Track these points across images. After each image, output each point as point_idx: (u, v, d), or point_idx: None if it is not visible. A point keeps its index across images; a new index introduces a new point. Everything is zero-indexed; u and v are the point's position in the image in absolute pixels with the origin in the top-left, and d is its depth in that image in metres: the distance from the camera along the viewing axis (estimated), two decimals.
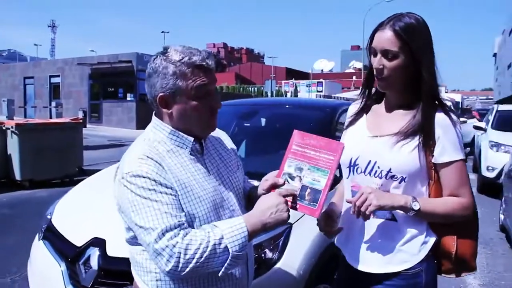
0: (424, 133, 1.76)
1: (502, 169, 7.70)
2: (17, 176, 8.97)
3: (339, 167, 1.78)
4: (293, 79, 63.34)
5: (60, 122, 10.19)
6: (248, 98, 36.03)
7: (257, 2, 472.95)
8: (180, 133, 1.63)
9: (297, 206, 1.65)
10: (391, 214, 1.80)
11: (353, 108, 2.07)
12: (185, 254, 1.41)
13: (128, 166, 1.52)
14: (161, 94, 1.58)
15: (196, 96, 1.58)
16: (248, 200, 1.83)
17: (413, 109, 1.81)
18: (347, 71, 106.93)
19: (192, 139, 1.64)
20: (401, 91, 1.84)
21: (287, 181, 1.69)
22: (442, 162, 1.76)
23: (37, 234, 3.20)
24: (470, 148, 15.09)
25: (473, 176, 10.26)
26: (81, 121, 10.67)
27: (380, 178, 1.79)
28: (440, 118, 1.76)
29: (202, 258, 1.42)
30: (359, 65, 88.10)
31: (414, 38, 1.73)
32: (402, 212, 1.75)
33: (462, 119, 16.59)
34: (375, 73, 1.82)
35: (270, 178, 1.74)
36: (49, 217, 3.19)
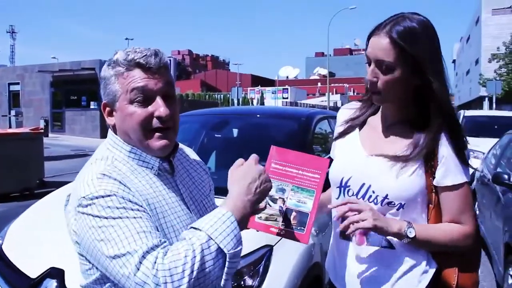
0: (428, 155, 1.57)
1: (472, 175, 7.73)
2: None
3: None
4: (259, 86, 63.63)
5: (17, 133, 9.68)
6: (214, 105, 35.89)
7: (221, 10, 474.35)
8: (143, 152, 1.37)
9: (283, 232, 1.46)
10: (387, 242, 1.61)
11: (343, 115, 1.83)
12: (172, 276, 1.09)
13: (85, 188, 1.23)
14: (104, 101, 1.38)
15: (133, 100, 1.30)
16: None
17: (415, 125, 1.61)
18: (312, 77, 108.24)
19: (155, 159, 1.38)
20: (400, 106, 1.63)
21: (268, 204, 1.48)
22: (445, 185, 1.57)
23: None
24: None
25: None
26: (41, 131, 10.17)
27: (376, 203, 1.60)
28: (444, 135, 1.58)
29: (194, 273, 1.10)
30: (324, 71, 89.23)
31: (416, 45, 1.49)
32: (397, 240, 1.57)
33: None
34: (368, 85, 1.59)
35: None
36: (1, 241, 2.88)
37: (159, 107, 1.31)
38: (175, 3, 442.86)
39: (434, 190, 1.59)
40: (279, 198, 1.47)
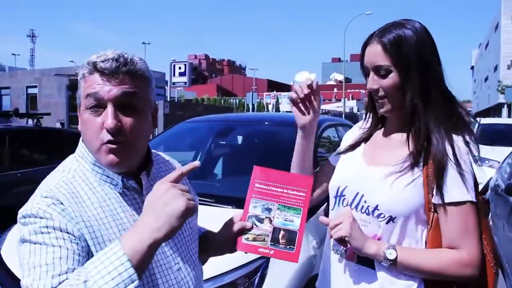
0: (426, 167, 1.46)
1: (487, 184, 7.58)
2: None
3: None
4: (275, 91, 63.68)
5: None
6: (229, 110, 35.94)
7: (239, 14, 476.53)
8: (105, 168, 1.24)
9: (272, 252, 1.40)
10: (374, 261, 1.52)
11: (352, 134, 1.79)
12: None
13: (28, 203, 1.16)
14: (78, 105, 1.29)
15: (87, 107, 1.20)
16: (202, 245, 1.48)
17: (415, 135, 1.52)
18: (328, 83, 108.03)
19: (118, 176, 1.25)
20: (402, 114, 1.54)
21: (255, 225, 1.42)
22: (444, 202, 1.43)
23: None
24: None
25: None
26: None
27: (368, 214, 1.53)
28: (449, 143, 1.45)
29: None
30: (340, 77, 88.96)
31: (408, 48, 1.47)
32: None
33: None
34: (372, 94, 1.56)
35: (234, 222, 1.42)
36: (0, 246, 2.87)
37: (106, 118, 1.18)
38: (192, 7, 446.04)
39: (433, 209, 1.46)
40: (266, 217, 1.42)
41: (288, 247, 1.39)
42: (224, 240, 1.43)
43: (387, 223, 1.49)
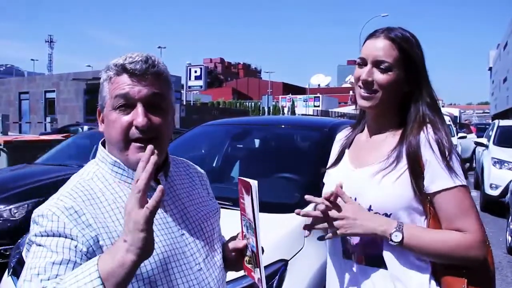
0: (410, 159, 1.48)
1: (506, 187, 7.47)
2: None
3: None
4: (290, 94, 63.63)
5: (49, 139, 9.89)
6: (245, 113, 36.00)
7: (254, 18, 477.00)
8: (126, 166, 1.26)
9: (254, 275, 1.35)
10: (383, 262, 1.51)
11: (338, 143, 1.82)
12: None
13: (43, 204, 1.18)
14: (98, 107, 1.31)
15: (116, 107, 1.22)
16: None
17: (396, 132, 1.57)
18: (344, 85, 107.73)
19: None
20: (386, 114, 1.59)
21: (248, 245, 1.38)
22: (434, 191, 1.45)
23: (7, 269, 2.90)
24: (470, 163, 14.94)
25: (475, 194, 10.03)
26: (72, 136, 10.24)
27: None
28: (426, 136, 1.47)
29: None
30: None
31: (414, 50, 1.54)
32: (395, 259, 1.48)
33: (461, 134, 16.47)
34: (360, 85, 1.56)
35: (234, 241, 1.44)
36: (21, 248, 2.90)
37: (137, 116, 1.21)
38: (208, 12, 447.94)
39: (428, 200, 1.47)
40: (248, 238, 1.35)
41: (255, 268, 1.32)
42: (227, 257, 1.46)
43: None
